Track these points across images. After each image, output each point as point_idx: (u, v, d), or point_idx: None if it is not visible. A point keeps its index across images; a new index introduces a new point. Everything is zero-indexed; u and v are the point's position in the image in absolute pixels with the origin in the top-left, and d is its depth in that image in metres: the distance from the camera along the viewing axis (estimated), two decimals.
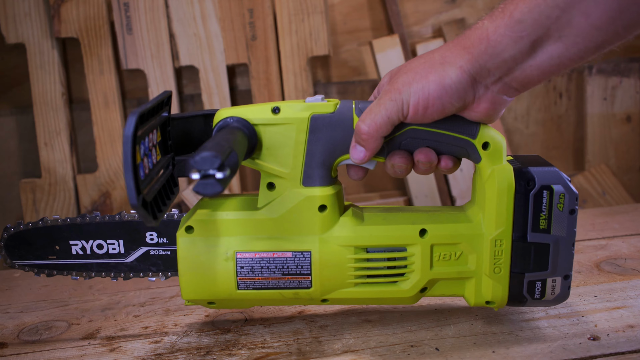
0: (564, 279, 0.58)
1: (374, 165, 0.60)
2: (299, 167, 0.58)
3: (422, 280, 0.60)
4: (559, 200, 0.57)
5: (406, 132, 0.57)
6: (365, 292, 0.60)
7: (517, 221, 0.57)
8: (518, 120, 1.29)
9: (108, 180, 1.14)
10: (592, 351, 0.58)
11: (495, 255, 0.58)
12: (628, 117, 1.30)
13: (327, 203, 0.59)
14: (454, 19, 1.24)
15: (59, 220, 0.64)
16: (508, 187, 0.57)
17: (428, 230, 0.59)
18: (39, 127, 1.13)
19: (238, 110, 0.57)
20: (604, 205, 1.27)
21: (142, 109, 0.49)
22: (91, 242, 0.64)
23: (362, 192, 1.28)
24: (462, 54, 0.53)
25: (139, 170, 0.49)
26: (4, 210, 1.21)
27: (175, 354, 0.62)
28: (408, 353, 0.60)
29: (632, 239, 0.90)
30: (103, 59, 1.13)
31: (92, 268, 0.65)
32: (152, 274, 0.65)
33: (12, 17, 1.10)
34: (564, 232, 0.57)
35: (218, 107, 1.14)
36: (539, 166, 0.57)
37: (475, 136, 0.57)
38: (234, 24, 1.13)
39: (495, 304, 0.60)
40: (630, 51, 1.28)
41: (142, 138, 0.51)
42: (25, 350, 0.66)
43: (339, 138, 0.58)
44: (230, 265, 0.59)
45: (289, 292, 0.60)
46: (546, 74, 0.52)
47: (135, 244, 0.64)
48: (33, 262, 0.65)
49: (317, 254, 0.59)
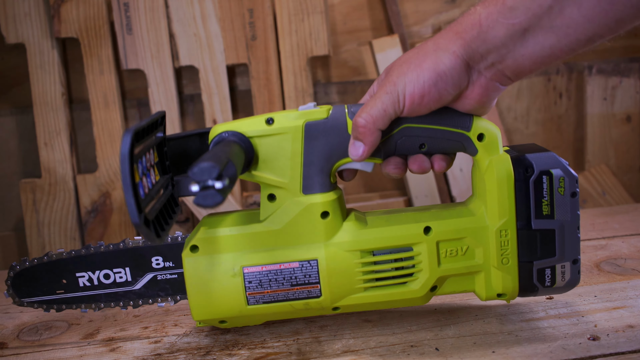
0: (573, 263, 0.58)
1: (372, 168, 0.60)
2: (297, 175, 0.58)
3: (432, 279, 0.60)
4: (559, 184, 0.56)
5: (402, 130, 0.57)
6: (376, 296, 0.60)
7: (520, 209, 0.57)
8: (518, 120, 1.29)
9: (108, 181, 1.14)
10: (592, 351, 0.58)
11: (502, 245, 0.58)
12: (628, 117, 1.30)
13: (329, 209, 0.59)
14: (454, 19, 1.24)
15: (64, 254, 0.64)
16: (507, 176, 0.57)
17: (432, 227, 0.59)
18: (39, 127, 1.13)
19: (232, 125, 0.58)
20: (604, 205, 1.27)
21: (136, 126, 0.49)
22: (98, 273, 0.64)
23: (362, 193, 1.28)
24: (454, 39, 0.53)
25: (139, 189, 0.49)
26: (4, 210, 1.21)
27: (175, 354, 0.62)
28: (408, 353, 0.60)
29: (632, 239, 0.90)
30: (103, 59, 1.13)
31: (100, 299, 0.65)
32: (161, 299, 0.65)
33: (12, 17, 1.10)
34: (567, 215, 0.57)
35: (218, 107, 1.14)
36: (535, 152, 0.57)
37: (469, 129, 0.57)
38: (234, 24, 1.13)
39: (507, 296, 0.60)
40: (630, 51, 1.28)
41: (139, 157, 0.51)
42: (25, 350, 0.66)
43: (334, 143, 0.58)
44: (238, 281, 0.59)
45: (299, 303, 0.60)
46: (538, 64, 0.52)
47: (142, 271, 0.64)
48: (42, 299, 0.65)
49: (323, 262, 0.59)
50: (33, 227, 1.13)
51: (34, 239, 1.13)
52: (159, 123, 0.59)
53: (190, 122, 1.21)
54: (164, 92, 1.14)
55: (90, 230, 1.14)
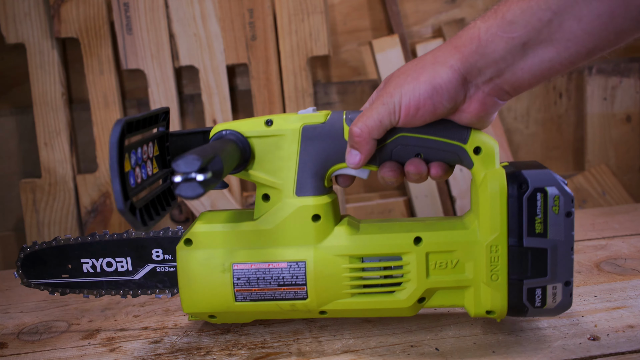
0: (565, 285, 0.57)
1: (367, 175, 0.60)
2: (291, 177, 0.59)
3: (419, 290, 0.59)
4: (553, 203, 0.55)
5: (397, 139, 0.57)
6: (363, 303, 0.60)
7: (512, 226, 0.56)
8: (518, 120, 1.29)
9: (108, 180, 1.14)
10: (592, 351, 0.58)
11: (492, 261, 0.57)
12: (628, 117, 1.30)
13: (320, 213, 0.59)
14: (454, 19, 1.24)
15: (71, 240, 0.65)
16: (500, 190, 0.56)
17: (423, 238, 0.59)
18: (39, 127, 1.13)
19: (233, 124, 0.59)
20: (604, 205, 1.27)
21: (129, 117, 0.51)
22: (101, 260, 0.65)
23: (362, 192, 1.28)
24: (453, 53, 0.53)
25: (129, 177, 0.50)
26: (4, 210, 1.21)
27: (175, 354, 0.62)
28: (408, 353, 0.60)
29: (632, 239, 0.90)
30: (103, 59, 1.13)
31: (102, 286, 0.66)
32: (159, 291, 0.66)
33: (12, 17, 1.10)
34: (561, 235, 0.56)
35: (218, 107, 1.14)
36: (532, 169, 0.56)
37: (466, 141, 0.57)
38: (234, 24, 1.13)
39: (495, 314, 0.59)
40: (630, 51, 1.28)
41: (134, 148, 0.53)
42: (25, 350, 0.66)
43: (330, 147, 0.58)
44: (227, 277, 0.60)
45: (286, 304, 0.60)
46: (537, 78, 0.52)
47: (142, 261, 0.65)
48: (48, 281, 0.67)
49: (311, 264, 0.59)
50: (33, 227, 1.13)
51: (34, 239, 1.13)
52: (162, 118, 0.61)
53: (190, 122, 1.21)
54: (164, 92, 1.14)
55: (90, 230, 1.14)
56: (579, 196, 1.28)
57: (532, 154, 1.30)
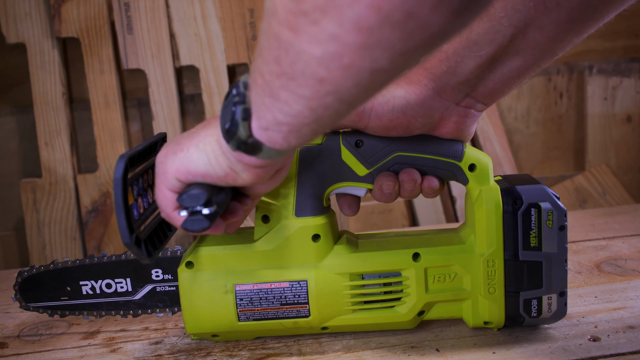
0: (560, 295, 0.59)
1: (365, 193, 0.60)
2: (291, 199, 0.59)
3: (419, 304, 0.60)
4: (547, 217, 0.57)
5: (394, 158, 0.58)
6: (364, 318, 0.61)
7: (508, 240, 0.58)
8: (518, 120, 1.29)
9: (109, 180, 1.14)
10: (593, 352, 0.58)
11: (489, 275, 0.59)
12: (628, 117, 1.30)
13: (320, 232, 0.59)
14: None
15: (69, 262, 0.66)
16: (496, 207, 0.58)
17: (421, 254, 0.60)
18: (39, 127, 1.13)
19: None
20: (605, 205, 1.27)
21: (131, 152, 0.51)
22: (100, 282, 0.66)
23: None
24: (424, 74, 0.55)
25: (132, 210, 0.51)
26: (4, 210, 1.21)
27: (175, 355, 0.62)
28: (408, 354, 0.60)
29: (632, 240, 0.90)
30: (103, 59, 1.13)
31: (102, 307, 0.67)
32: (159, 310, 0.67)
33: (12, 16, 1.10)
34: (555, 248, 0.58)
35: (219, 107, 1.14)
36: (526, 184, 0.58)
37: (460, 159, 0.58)
38: (235, 24, 1.13)
39: (493, 324, 0.61)
40: (631, 51, 1.27)
41: (135, 179, 0.53)
42: (25, 350, 0.66)
43: (327, 168, 0.59)
44: (230, 298, 0.60)
45: (289, 322, 0.61)
46: (509, 85, 0.54)
47: (142, 282, 0.66)
48: (47, 304, 0.67)
49: (313, 283, 0.60)
50: (33, 226, 1.13)
51: (35, 238, 1.13)
52: (160, 145, 0.61)
53: (190, 122, 1.21)
54: (165, 91, 1.14)
55: (90, 230, 1.14)
56: (579, 196, 1.28)
57: (533, 154, 1.30)
